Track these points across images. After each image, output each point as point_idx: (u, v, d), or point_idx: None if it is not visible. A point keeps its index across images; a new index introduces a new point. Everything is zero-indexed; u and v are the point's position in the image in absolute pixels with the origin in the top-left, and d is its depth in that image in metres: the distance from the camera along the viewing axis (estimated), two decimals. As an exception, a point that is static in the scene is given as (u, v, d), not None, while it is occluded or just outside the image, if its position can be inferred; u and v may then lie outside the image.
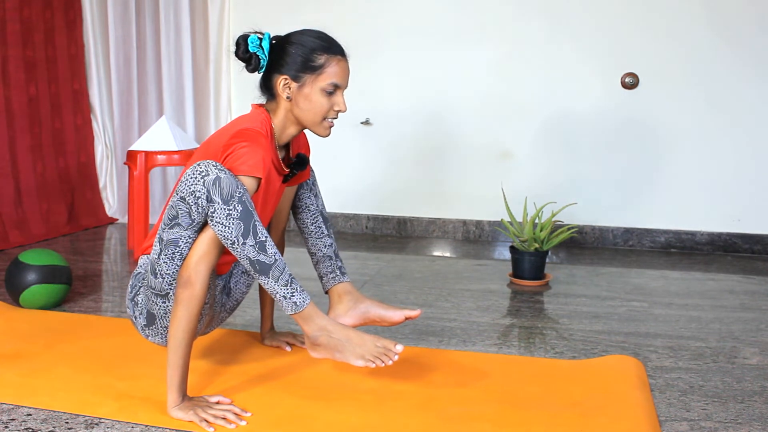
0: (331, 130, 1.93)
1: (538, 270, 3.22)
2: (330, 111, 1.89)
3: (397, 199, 4.44)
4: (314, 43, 1.86)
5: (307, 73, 1.85)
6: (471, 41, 4.19)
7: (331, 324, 1.80)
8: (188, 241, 1.73)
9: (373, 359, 1.77)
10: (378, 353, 1.77)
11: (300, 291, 1.75)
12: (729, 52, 3.88)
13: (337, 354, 1.80)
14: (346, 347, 1.79)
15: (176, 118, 4.63)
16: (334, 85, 1.87)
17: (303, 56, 1.85)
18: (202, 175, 1.68)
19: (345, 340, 1.79)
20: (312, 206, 2.16)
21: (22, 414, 1.78)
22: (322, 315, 1.80)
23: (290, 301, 1.74)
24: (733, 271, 3.58)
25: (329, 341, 1.79)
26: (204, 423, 1.71)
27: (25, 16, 4.07)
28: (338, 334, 1.79)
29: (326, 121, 1.91)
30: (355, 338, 1.79)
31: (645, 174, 4.07)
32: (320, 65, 1.85)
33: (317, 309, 1.80)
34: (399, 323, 2.07)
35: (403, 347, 1.79)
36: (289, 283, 1.74)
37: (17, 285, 2.65)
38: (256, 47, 1.87)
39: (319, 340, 1.80)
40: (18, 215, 4.00)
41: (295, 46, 1.86)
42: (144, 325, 1.87)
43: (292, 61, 1.85)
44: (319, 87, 1.86)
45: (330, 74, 1.86)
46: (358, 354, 1.78)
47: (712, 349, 2.37)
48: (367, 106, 4.33)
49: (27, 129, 4.11)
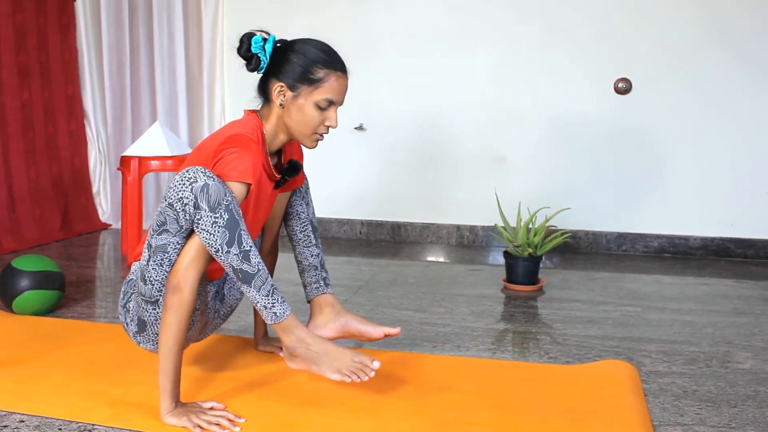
0: (318, 144, 1.93)
1: (531, 275, 3.23)
2: (320, 126, 1.88)
3: (392, 205, 4.44)
4: (317, 55, 1.85)
5: (305, 84, 1.84)
6: (465, 47, 4.20)
7: (309, 336, 1.80)
8: (177, 247, 1.72)
9: (349, 374, 1.76)
10: (355, 368, 1.77)
11: (281, 302, 1.75)
12: (722, 58, 3.90)
13: (314, 366, 1.79)
14: (323, 360, 1.78)
15: (170, 123, 4.62)
16: (329, 101, 1.86)
17: (303, 66, 1.84)
18: (190, 181, 1.68)
19: (323, 353, 1.79)
20: (302, 214, 2.15)
21: (15, 420, 1.77)
22: (302, 327, 1.80)
23: (270, 311, 1.74)
24: (726, 275, 3.59)
25: (307, 353, 1.79)
26: (198, 429, 1.70)
27: (18, 22, 4.06)
28: (316, 347, 1.79)
29: (315, 134, 1.90)
30: (333, 352, 1.79)
31: (638, 179, 4.08)
32: (318, 79, 1.84)
33: (297, 321, 1.79)
34: (378, 340, 2.09)
35: (380, 364, 1.79)
36: (270, 293, 1.73)
37: (10, 291, 2.64)
38: (259, 48, 1.86)
39: (297, 351, 1.80)
40: (11, 221, 3.98)
41: (298, 54, 1.85)
42: (135, 332, 1.87)
43: (292, 70, 1.84)
44: (313, 100, 1.85)
45: (327, 89, 1.85)
46: (334, 368, 1.77)
47: (706, 354, 2.38)
48: (361, 111, 4.34)
49: (20, 134, 4.10)
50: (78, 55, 4.59)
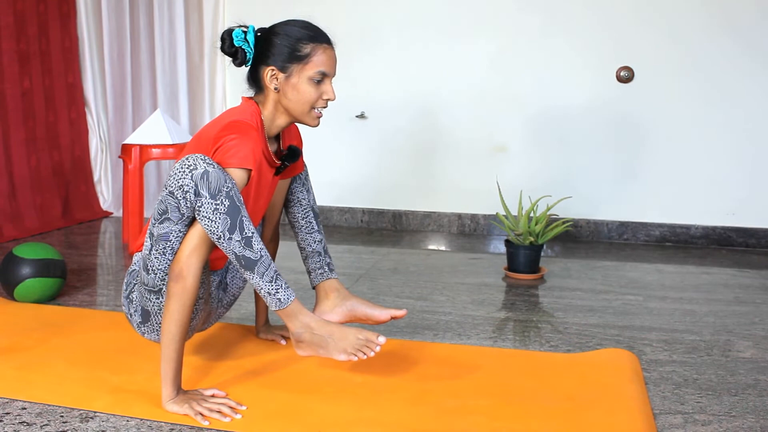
0: (320, 120, 1.92)
1: (533, 263, 3.23)
2: (318, 100, 1.88)
3: (393, 193, 4.44)
4: (299, 32, 1.85)
5: (294, 63, 1.84)
6: (466, 35, 4.18)
7: (314, 321, 1.80)
8: (179, 235, 1.72)
9: (355, 352, 1.77)
10: (359, 345, 1.77)
11: (285, 288, 1.75)
12: (725, 46, 3.88)
13: (321, 350, 1.80)
14: (329, 343, 1.78)
15: (170, 111, 4.61)
16: (322, 73, 1.86)
17: (289, 46, 1.84)
18: (190, 169, 1.68)
19: (327, 336, 1.78)
20: (303, 201, 2.16)
21: (17, 408, 1.78)
22: (306, 312, 1.80)
23: (274, 297, 1.74)
24: (727, 264, 3.59)
25: (312, 338, 1.79)
26: (199, 416, 1.71)
27: (19, 9, 4.04)
28: (321, 331, 1.79)
29: (315, 110, 1.90)
30: (337, 333, 1.79)
31: (640, 167, 4.07)
32: (306, 54, 1.84)
33: (302, 306, 1.79)
34: (384, 322, 2.08)
35: (385, 339, 1.79)
36: (274, 280, 1.73)
37: (12, 279, 2.65)
38: (241, 41, 1.86)
39: (302, 336, 1.80)
40: (12, 209, 3.98)
41: (281, 36, 1.85)
42: (139, 322, 1.87)
43: (279, 52, 1.84)
44: (306, 76, 1.84)
45: (317, 63, 1.85)
46: (340, 348, 1.77)
47: (707, 343, 2.38)
48: (362, 99, 4.32)
49: (21, 122, 4.09)
50: (78, 42, 4.57)
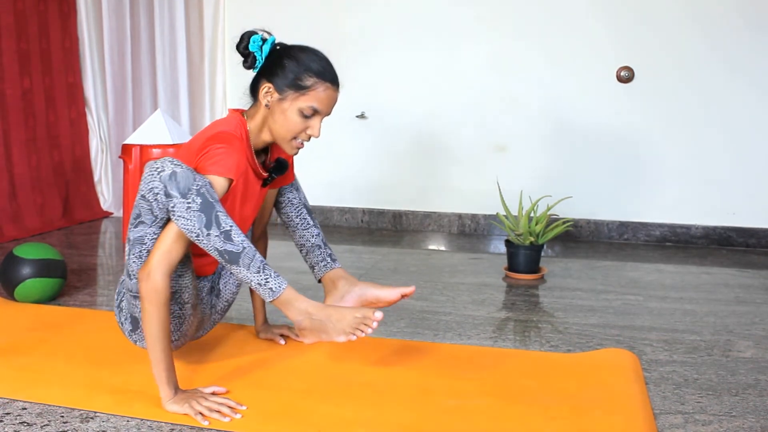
0: (298, 150, 1.91)
1: (533, 263, 3.23)
2: (302, 133, 1.87)
3: (393, 193, 4.44)
4: (310, 63, 1.84)
5: (292, 89, 1.83)
6: (467, 35, 4.18)
7: (311, 306, 1.77)
8: (153, 237, 1.72)
9: (353, 331, 1.74)
10: (357, 324, 1.74)
11: (275, 276, 1.72)
12: (724, 46, 3.88)
13: (323, 335, 1.77)
14: (328, 326, 1.76)
15: (171, 111, 4.61)
16: (313, 109, 1.84)
17: (294, 72, 1.83)
18: (158, 171, 1.68)
19: (326, 319, 1.76)
20: (295, 200, 2.16)
21: (17, 408, 1.78)
22: (302, 298, 1.76)
23: (265, 288, 1.71)
24: (727, 264, 3.59)
25: (313, 324, 1.77)
26: (199, 416, 1.71)
27: (19, 9, 4.04)
28: (319, 315, 1.76)
29: (296, 140, 1.89)
30: (335, 315, 1.76)
31: (640, 167, 4.07)
32: (307, 86, 1.83)
33: (296, 292, 1.76)
34: (396, 302, 2.05)
35: (381, 314, 1.76)
36: (261, 270, 1.71)
37: (12, 279, 2.65)
38: (257, 48, 1.86)
39: (303, 324, 1.77)
40: (12, 209, 3.98)
41: (292, 60, 1.84)
42: (130, 330, 1.88)
43: (282, 74, 1.84)
44: (297, 106, 1.83)
45: (312, 98, 1.84)
46: (339, 330, 1.75)
47: (707, 343, 2.38)
48: (363, 99, 4.32)
49: (21, 122, 4.09)
50: (79, 42, 4.57)
